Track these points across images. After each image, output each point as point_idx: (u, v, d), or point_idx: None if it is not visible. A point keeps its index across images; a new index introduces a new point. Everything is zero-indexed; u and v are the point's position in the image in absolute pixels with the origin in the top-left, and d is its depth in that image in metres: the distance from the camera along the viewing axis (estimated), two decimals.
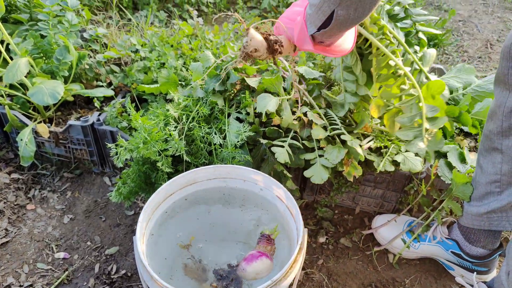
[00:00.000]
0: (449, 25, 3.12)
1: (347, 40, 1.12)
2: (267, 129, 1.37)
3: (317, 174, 1.28)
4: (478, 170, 1.25)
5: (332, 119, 1.43)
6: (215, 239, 1.25)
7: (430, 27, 1.38)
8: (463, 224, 1.32)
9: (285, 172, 1.34)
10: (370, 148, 1.41)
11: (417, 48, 1.32)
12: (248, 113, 1.38)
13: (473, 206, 1.27)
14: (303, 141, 1.37)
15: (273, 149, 1.29)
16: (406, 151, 1.39)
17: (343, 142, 1.33)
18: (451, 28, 3.01)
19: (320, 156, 1.32)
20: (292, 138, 1.36)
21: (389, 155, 1.38)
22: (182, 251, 1.20)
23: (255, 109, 1.35)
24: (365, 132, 1.45)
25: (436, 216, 1.37)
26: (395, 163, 1.37)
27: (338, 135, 1.36)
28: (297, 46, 1.12)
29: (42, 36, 1.79)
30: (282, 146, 1.31)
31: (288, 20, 1.13)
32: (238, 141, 1.30)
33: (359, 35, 1.19)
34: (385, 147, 1.40)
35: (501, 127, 1.12)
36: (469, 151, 1.50)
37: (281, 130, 1.39)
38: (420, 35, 1.33)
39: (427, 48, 1.35)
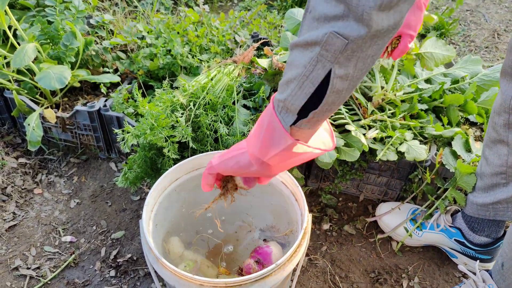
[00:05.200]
0: (456, 15, 3.10)
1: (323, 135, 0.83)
2: None
3: None
4: (483, 161, 1.25)
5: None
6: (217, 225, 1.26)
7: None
8: (467, 213, 1.33)
9: None
10: (375, 138, 1.41)
11: None
12: (254, 101, 1.39)
13: (478, 196, 1.27)
14: None
15: None
16: (412, 139, 1.39)
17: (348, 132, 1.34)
18: (458, 18, 2.99)
19: None
20: None
21: (392, 144, 1.38)
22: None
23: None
24: (371, 124, 1.44)
25: (439, 205, 1.38)
26: (400, 153, 1.36)
27: (343, 125, 1.36)
28: (260, 157, 0.78)
29: (49, 22, 1.80)
30: None
31: (228, 155, 0.85)
32: (247, 130, 1.31)
33: None
34: (389, 137, 1.40)
35: (507, 120, 1.12)
36: (475, 140, 1.50)
37: None
38: None
39: (434, 36, 1.35)
